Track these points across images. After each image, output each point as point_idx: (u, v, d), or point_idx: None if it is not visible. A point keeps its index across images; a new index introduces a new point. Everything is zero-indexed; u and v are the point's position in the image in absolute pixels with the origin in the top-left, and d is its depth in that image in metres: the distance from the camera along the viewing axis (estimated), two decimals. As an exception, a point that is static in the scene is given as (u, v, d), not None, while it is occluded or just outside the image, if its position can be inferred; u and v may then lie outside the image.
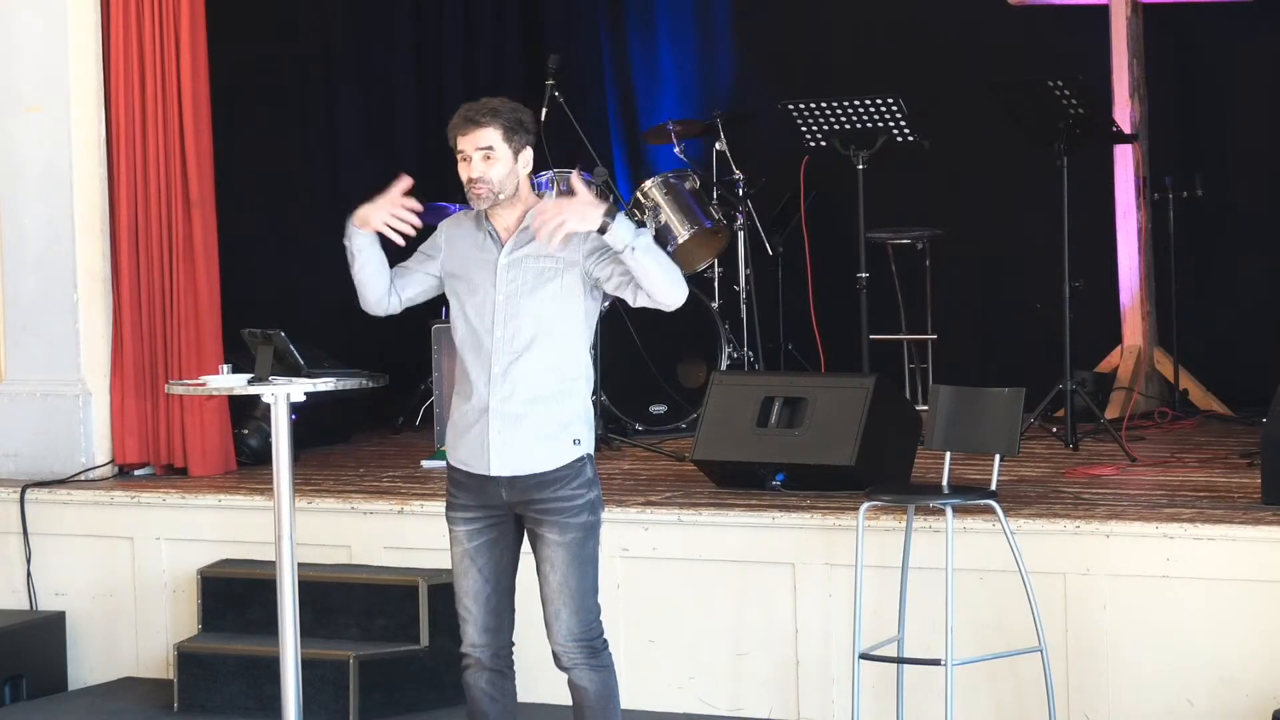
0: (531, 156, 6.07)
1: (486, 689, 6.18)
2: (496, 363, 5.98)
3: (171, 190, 9.02)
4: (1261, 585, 6.90)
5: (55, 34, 9.02)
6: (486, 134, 5.99)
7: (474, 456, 6.02)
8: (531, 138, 6.06)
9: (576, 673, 6.03)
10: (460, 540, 6.09)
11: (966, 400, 7.14)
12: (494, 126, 5.99)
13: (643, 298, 5.93)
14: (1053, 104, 9.26)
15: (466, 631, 6.17)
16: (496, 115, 6.00)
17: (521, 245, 6.02)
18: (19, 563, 8.79)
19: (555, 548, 5.97)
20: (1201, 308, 10.57)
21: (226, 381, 6.88)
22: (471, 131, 6.01)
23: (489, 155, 6.00)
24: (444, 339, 9.57)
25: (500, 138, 5.99)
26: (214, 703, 7.94)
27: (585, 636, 6.01)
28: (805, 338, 10.79)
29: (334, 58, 11.81)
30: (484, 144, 5.99)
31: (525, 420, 5.96)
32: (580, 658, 6.01)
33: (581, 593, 5.99)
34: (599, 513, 6.07)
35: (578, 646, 6.01)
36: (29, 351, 9.15)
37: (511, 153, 6.01)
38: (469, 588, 6.11)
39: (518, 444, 5.96)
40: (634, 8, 12.38)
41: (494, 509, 6.04)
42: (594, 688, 6.03)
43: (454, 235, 6.24)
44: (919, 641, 7.09)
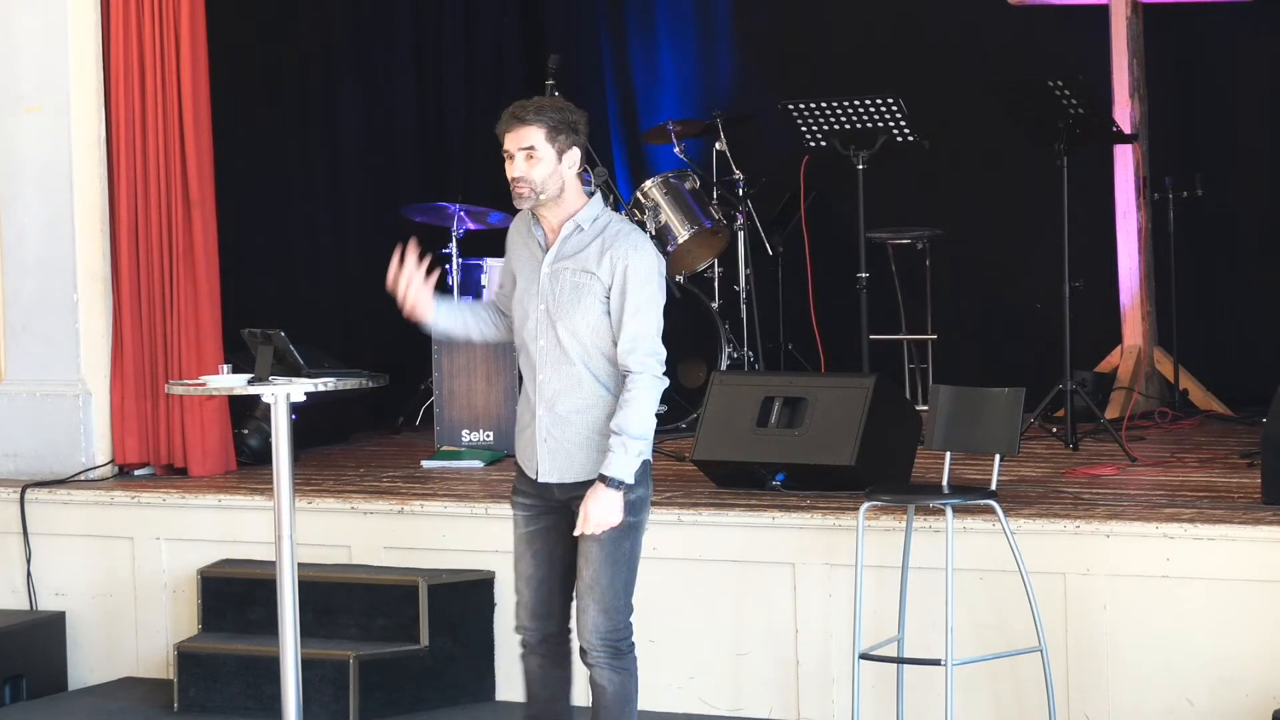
0: (579, 158, 6.02)
1: (536, 674, 6.24)
2: (541, 371, 6.04)
3: (171, 190, 9.02)
4: (1261, 585, 6.90)
5: (55, 34, 9.02)
6: (530, 133, 5.94)
7: (526, 459, 6.13)
8: (580, 139, 6.02)
9: (597, 671, 6.08)
10: (519, 524, 6.17)
11: (966, 400, 7.14)
12: (538, 125, 5.94)
13: None
14: (1053, 104, 9.26)
15: (519, 613, 6.21)
16: (542, 114, 5.96)
17: (563, 256, 6.02)
18: (19, 563, 8.80)
19: (590, 543, 6.00)
20: (1201, 308, 10.57)
21: (226, 381, 6.89)
22: (516, 129, 5.96)
23: (531, 154, 5.95)
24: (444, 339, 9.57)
25: (544, 137, 5.94)
26: (214, 703, 7.94)
27: (611, 636, 6.06)
28: (805, 338, 10.79)
29: (334, 58, 11.80)
30: (527, 143, 5.94)
31: (568, 428, 6.02)
32: (604, 657, 6.06)
33: (613, 592, 6.04)
34: (641, 514, 6.08)
35: (602, 645, 6.05)
36: (29, 351, 9.15)
37: (555, 153, 5.96)
38: (523, 570, 6.16)
39: (561, 452, 6.04)
40: (634, 8, 12.37)
41: (548, 499, 6.12)
42: (612, 689, 6.09)
43: (513, 235, 6.21)
44: (919, 641, 7.09)
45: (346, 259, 11.76)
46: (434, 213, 10.89)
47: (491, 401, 9.54)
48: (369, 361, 8.09)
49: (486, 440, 9.52)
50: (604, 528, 5.93)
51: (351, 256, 11.77)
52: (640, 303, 5.93)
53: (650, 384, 5.94)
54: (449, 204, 10.81)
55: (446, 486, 8.65)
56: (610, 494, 5.91)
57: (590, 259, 5.97)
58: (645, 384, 5.93)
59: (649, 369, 5.94)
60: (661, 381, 5.98)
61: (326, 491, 8.54)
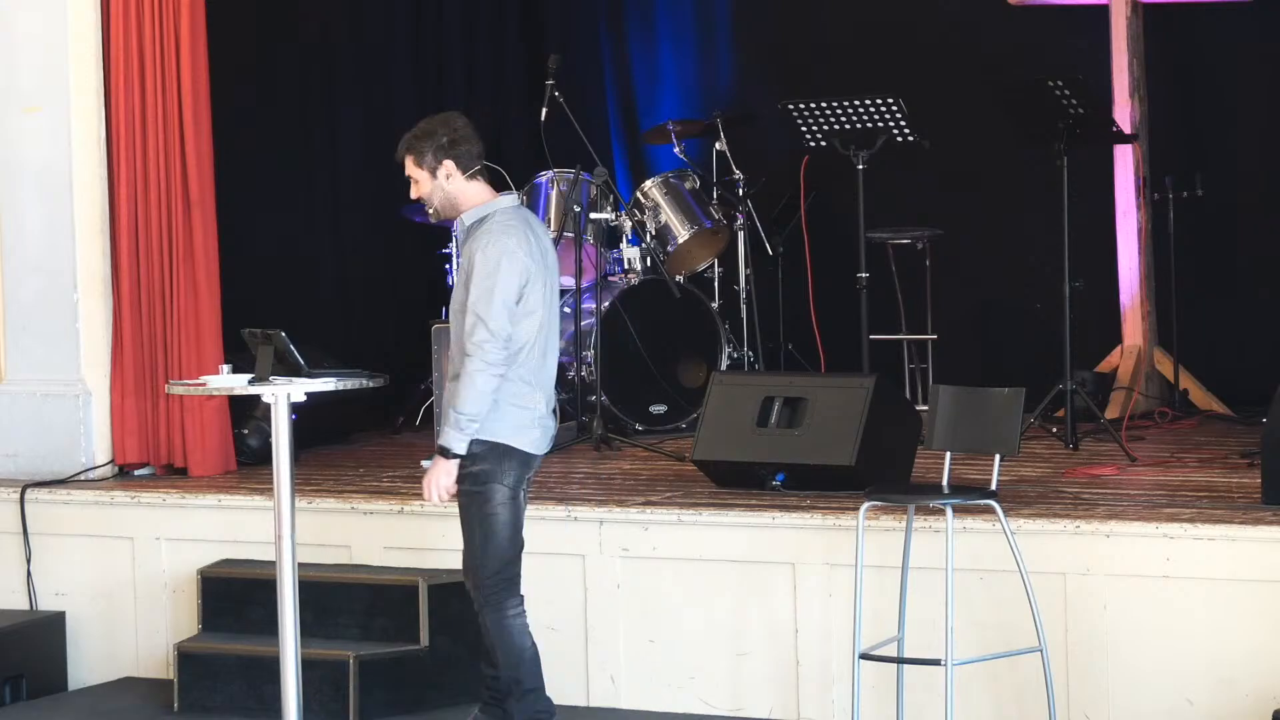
0: (455, 166, 6.65)
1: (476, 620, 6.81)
2: (451, 356, 6.66)
3: (171, 190, 9.02)
4: (1261, 585, 6.90)
5: (55, 34, 9.02)
6: (406, 164, 6.73)
7: None
8: (451, 150, 6.65)
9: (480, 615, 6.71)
10: None
11: (966, 400, 7.14)
12: (406, 155, 6.71)
13: None
14: (1053, 104, 9.26)
15: None
16: (408, 144, 6.71)
17: (459, 254, 6.75)
18: (19, 563, 8.79)
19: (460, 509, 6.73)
20: (1201, 308, 10.57)
21: (226, 381, 6.89)
22: (402, 161, 6.73)
23: (414, 181, 6.72)
24: (444, 339, 9.54)
25: (412, 163, 6.71)
26: (214, 703, 7.94)
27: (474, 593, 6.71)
28: (805, 338, 10.79)
29: (334, 58, 11.80)
30: (407, 172, 6.72)
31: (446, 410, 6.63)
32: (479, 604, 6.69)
33: (470, 551, 6.72)
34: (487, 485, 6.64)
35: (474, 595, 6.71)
36: (29, 351, 9.15)
37: (428, 173, 6.69)
38: None
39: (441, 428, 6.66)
40: (634, 8, 12.37)
41: None
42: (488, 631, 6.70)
43: None
44: (919, 641, 7.09)
45: (346, 259, 11.77)
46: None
47: (491, 401, 9.52)
48: (369, 361, 8.09)
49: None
50: (439, 490, 6.57)
51: (351, 256, 11.77)
52: (479, 293, 6.51)
53: (479, 366, 6.47)
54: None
55: (446, 486, 8.63)
56: (441, 462, 6.56)
57: (465, 252, 6.66)
58: (475, 366, 6.48)
59: (478, 351, 6.48)
60: (493, 368, 6.48)
61: (326, 491, 8.54)
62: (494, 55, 12.38)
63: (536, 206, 10.19)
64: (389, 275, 11.78)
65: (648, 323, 10.08)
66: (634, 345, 10.02)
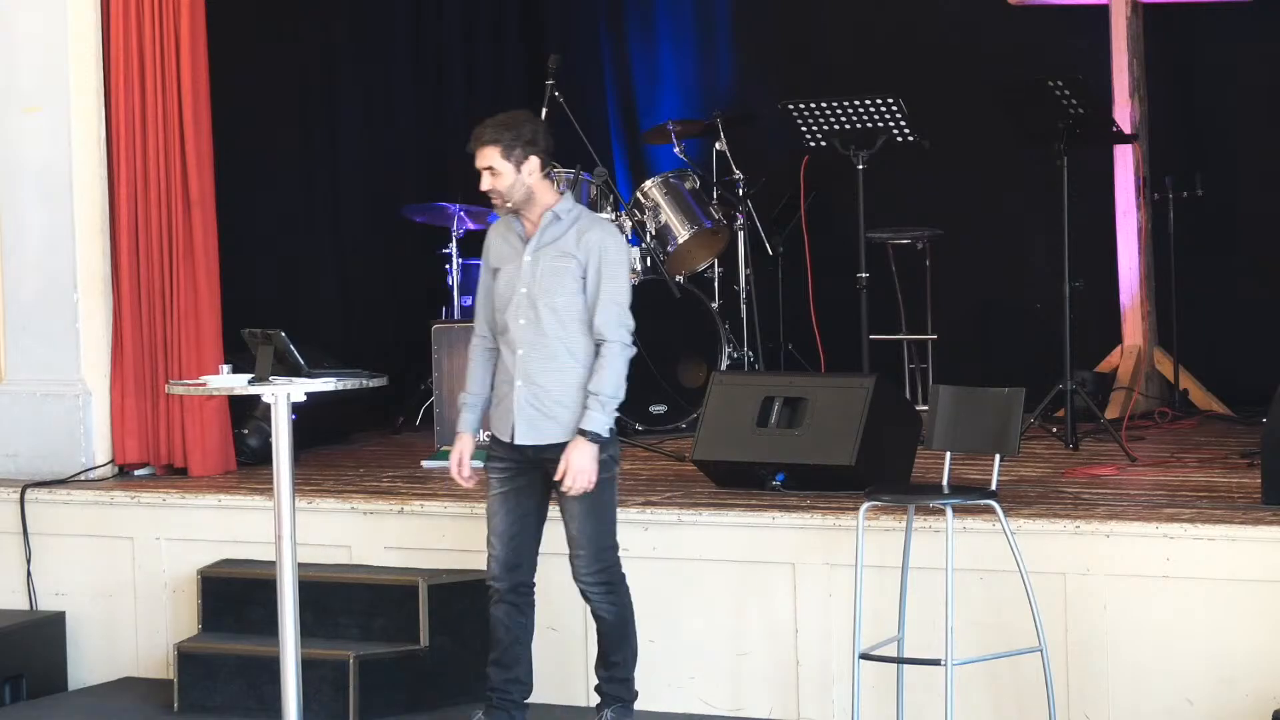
0: (539, 163, 6.82)
1: (504, 620, 6.96)
2: (520, 346, 6.80)
3: (171, 190, 9.02)
4: (1261, 585, 6.90)
5: (55, 34, 9.02)
6: (486, 154, 6.81)
7: (501, 427, 6.89)
8: (535, 146, 6.81)
9: (596, 605, 6.88)
10: (494, 485, 6.92)
11: (966, 400, 7.14)
12: (492, 147, 6.79)
13: None
14: (1053, 104, 9.26)
15: (490, 566, 6.95)
16: (496, 134, 6.79)
17: (542, 244, 6.82)
18: (19, 563, 8.79)
19: (571, 501, 6.79)
20: (1201, 308, 10.57)
21: (226, 381, 6.89)
22: (477, 150, 6.83)
23: (493, 171, 6.79)
24: (444, 339, 9.57)
25: (498, 155, 6.79)
26: (214, 703, 7.94)
27: (603, 575, 6.84)
28: (805, 338, 10.79)
29: (334, 58, 11.81)
30: (485, 163, 6.80)
31: (542, 400, 6.79)
32: (599, 592, 6.84)
33: (598, 537, 6.83)
34: (612, 470, 6.87)
35: (596, 582, 6.83)
36: (29, 351, 9.15)
37: (513, 165, 6.79)
38: (497, 527, 6.91)
39: (539, 419, 6.79)
40: (634, 8, 12.38)
41: (521, 462, 6.88)
42: (611, 617, 6.91)
43: (492, 236, 7.00)
44: (919, 641, 7.09)
45: (346, 259, 11.77)
46: (434, 213, 10.90)
47: (491, 401, 9.52)
48: (369, 361, 8.09)
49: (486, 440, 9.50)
50: (585, 476, 6.70)
51: (351, 256, 11.78)
52: (619, 284, 6.81)
53: (621, 351, 6.80)
54: (449, 204, 10.81)
55: (446, 486, 8.62)
56: (589, 446, 6.71)
57: (569, 243, 6.79)
58: (617, 350, 6.79)
59: (620, 337, 6.81)
60: (629, 350, 6.85)
61: (326, 491, 8.54)
62: (494, 55, 12.38)
63: (536, 206, 10.17)
64: (389, 275, 11.78)
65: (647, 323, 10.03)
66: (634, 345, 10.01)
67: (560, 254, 6.77)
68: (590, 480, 6.71)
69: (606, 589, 6.86)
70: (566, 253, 6.77)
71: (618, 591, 6.90)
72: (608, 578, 6.86)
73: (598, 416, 6.70)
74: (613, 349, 6.78)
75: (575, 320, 6.78)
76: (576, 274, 6.76)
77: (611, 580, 6.88)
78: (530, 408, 6.78)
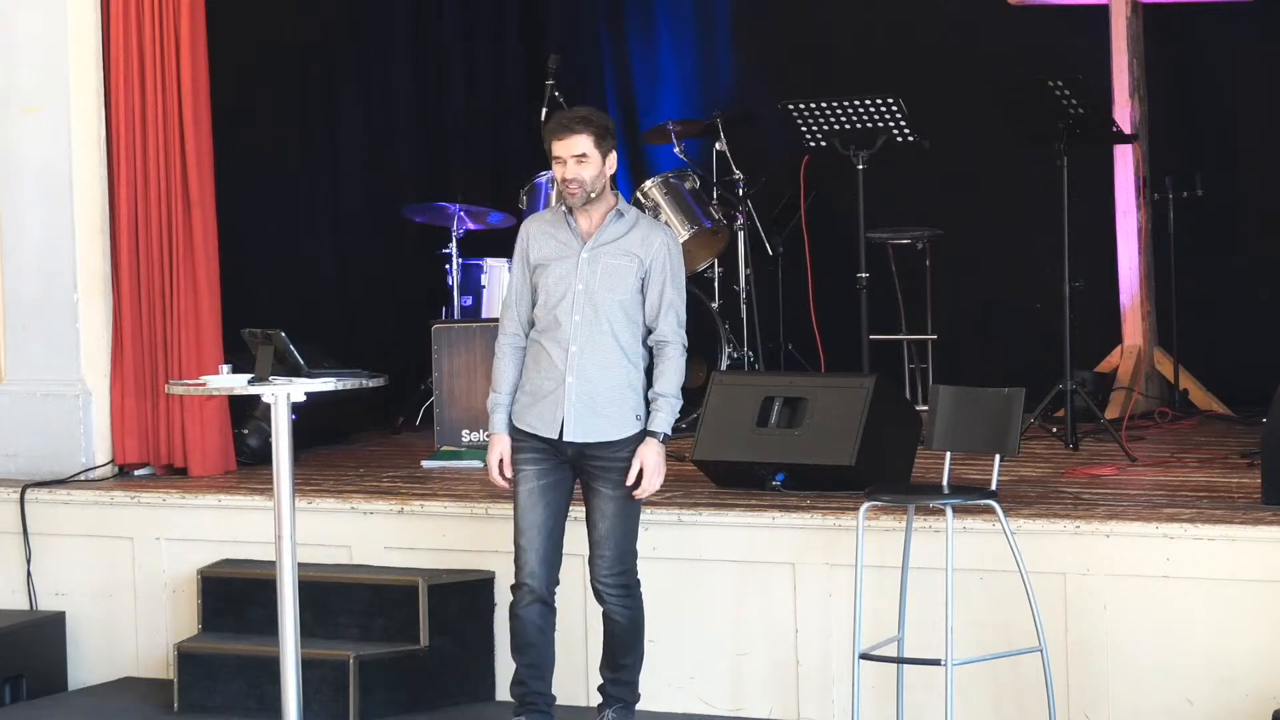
0: (615, 161, 6.80)
1: (537, 620, 6.84)
2: (574, 343, 6.73)
3: (171, 190, 9.02)
4: (1261, 585, 6.90)
5: (55, 34, 9.02)
6: (579, 141, 6.71)
7: (544, 424, 6.78)
8: (615, 143, 6.81)
9: (612, 607, 6.82)
10: (529, 479, 6.81)
11: (966, 400, 7.14)
12: (587, 133, 6.72)
13: None
14: (1053, 104, 9.26)
15: (527, 560, 6.81)
16: (589, 123, 6.74)
17: (603, 241, 6.77)
18: (19, 563, 8.80)
19: (607, 501, 6.76)
20: (1201, 308, 10.57)
21: (226, 381, 6.89)
22: (567, 138, 6.72)
23: (583, 159, 6.72)
24: (444, 339, 9.57)
25: (593, 144, 6.72)
26: (214, 703, 7.94)
27: (624, 577, 6.81)
28: (805, 338, 10.79)
29: (334, 58, 11.81)
30: (579, 150, 6.71)
31: (597, 395, 6.73)
32: (617, 594, 6.80)
33: (627, 539, 6.81)
34: None
35: (616, 584, 6.79)
36: (29, 352, 9.15)
37: (601, 156, 6.74)
38: (534, 520, 6.81)
39: (589, 416, 6.73)
40: (634, 8, 12.38)
41: (559, 456, 6.81)
42: (626, 620, 6.84)
43: (535, 232, 6.90)
44: (919, 641, 7.08)
45: (346, 259, 11.77)
46: (434, 213, 10.90)
47: (492, 401, 9.52)
48: (369, 361, 8.09)
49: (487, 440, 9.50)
50: (658, 476, 6.71)
51: (351, 256, 11.78)
52: (678, 290, 6.79)
53: (682, 354, 6.79)
54: (449, 204, 10.81)
55: (446, 486, 8.65)
56: (660, 447, 6.73)
57: (632, 243, 6.77)
58: (679, 352, 6.77)
59: (681, 339, 6.79)
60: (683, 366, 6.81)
61: (326, 491, 8.54)
62: (494, 55, 12.38)
63: (537, 207, 10.17)
64: (389, 275, 11.78)
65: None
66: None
67: (622, 253, 6.73)
68: (661, 481, 6.74)
69: (624, 591, 6.82)
70: (629, 252, 6.73)
71: (634, 595, 6.86)
72: (627, 580, 6.83)
73: (665, 418, 6.72)
74: (675, 350, 6.77)
75: (630, 320, 6.75)
76: (637, 274, 6.73)
77: (630, 584, 6.84)
78: (582, 404, 6.71)
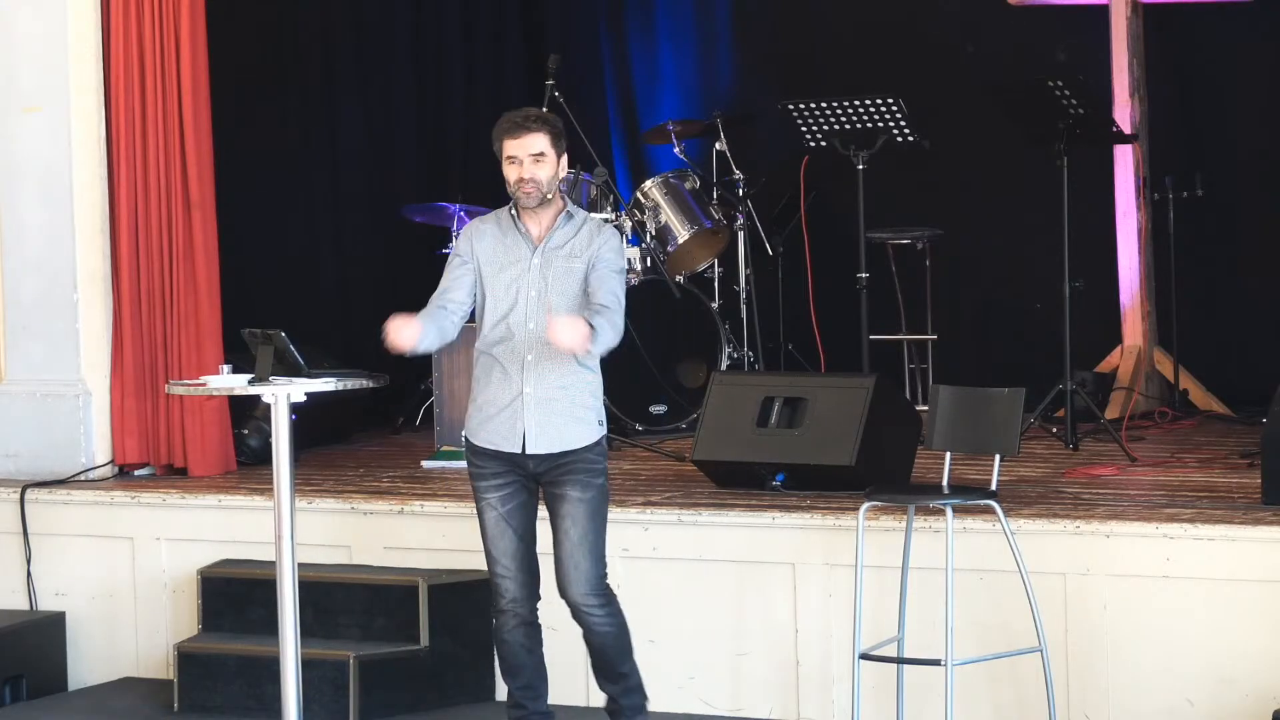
0: (566, 163, 6.67)
1: (525, 642, 6.74)
2: (530, 351, 6.55)
3: (171, 190, 9.02)
4: (1261, 585, 6.90)
5: (55, 34, 9.02)
6: (537, 140, 6.55)
7: (503, 438, 6.60)
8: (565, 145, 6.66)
9: (594, 619, 6.63)
10: (494, 505, 6.64)
11: (966, 400, 7.14)
12: (544, 132, 6.57)
13: None
14: (1053, 104, 9.26)
15: (507, 588, 6.68)
16: (545, 122, 6.60)
17: (554, 246, 6.61)
18: (19, 563, 8.79)
19: (578, 504, 6.57)
20: (1201, 308, 10.57)
21: (226, 381, 6.88)
22: (524, 136, 6.56)
23: (540, 159, 6.56)
24: (444, 339, 9.56)
25: (549, 143, 6.57)
26: (214, 703, 7.94)
27: (601, 584, 6.61)
28: (805, 338, 10.79)
29: (334, 58, 11.80)
30: (536, 149, 6.55)
31: (556, 404, 6.57)
32: (597, 603, 6.61)
33: (599, 543, 6.60)
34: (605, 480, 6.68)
35: (593, 592, 6.59)
36: (29, 351, 9.15)
37: (557, 156, 6.60)
38: (507, 548, 6.65)
39: (550, 426, 6.57)
40: (634, 8, 12.37)
41: (521, 476, 6.63)
42: (612, 629, 6.68)
43: (479, 238, 6.71)
44: (919, 641, 7.09)
45: (346, 259, 11.77)
46: (434, 213, 10.89)
47: (491, 401, 9.52)
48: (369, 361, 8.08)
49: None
50: (573, 334, 6.31)
51: (351, 256, 11.77)
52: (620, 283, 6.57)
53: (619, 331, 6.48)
54: (449, 204, 10.81)
55: (446, 486, 8.65)
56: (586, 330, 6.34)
57: (580, 244, 6.60)
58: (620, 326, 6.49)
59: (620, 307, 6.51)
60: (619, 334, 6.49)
61: (326, 491, 8.54)
62: (494, 55, 12.38)
63: (536, 206, 10.17)
64: (389, 275, 11.77)
65: (647, 323, 10.07)
66: (634, 345, 10.02)
67: (571, 255, 6.57)
68: (578, 343, 6.32)
69: (604, 600, 6.63)
70: (576, 254, 6.58)
71: (613, 602, 6.68)
72: (603, 588, 6.63)
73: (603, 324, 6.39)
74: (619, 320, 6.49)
75: None
76: (583, 275, 6.58)
77: (607, 592, 6.65)
78: (542, 414, 6.55)
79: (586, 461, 6.59)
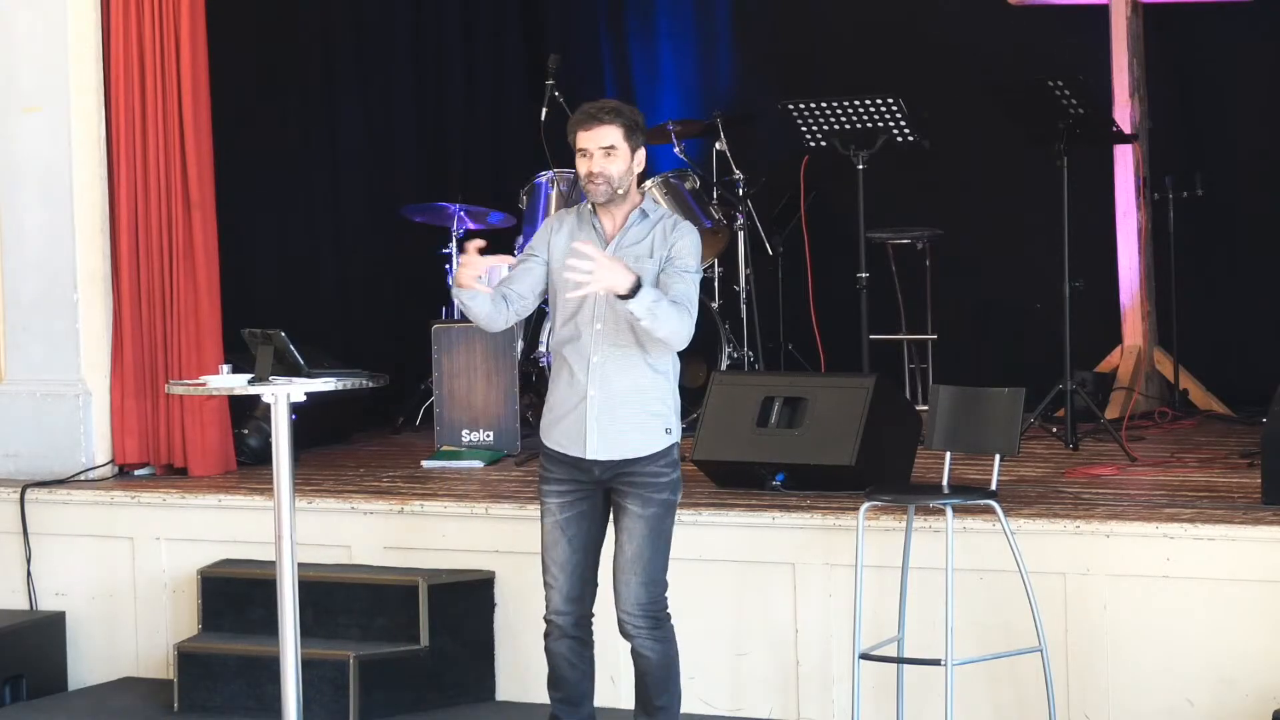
0: (644, 158, 6.41)
1: (567, 655, 6.49)
2: (596, 353, 6.35)
3: (171, 190, 9.02)
4: (1261, 585, 6.90)
5: (55, 34, 9.02)
6: (609, 132, 6.32)
7: (570, 441, 6.38)
8: (644, 139, 6.40)
9: (639, 642, 6.38)
10: (552, 511, 6.43)
11: (966, 400, 7.14)
12: (617, 125, 6.33)
13: None
14: (1053, 104, 9.26)
15: (551, 598, 6.45)
16: (619, 114, 6.36)
17: (625, 244, 6.37)
18: (19, 563, 8.80)
19: (636, 519, 6.34)
20: (1201, 308, 10.57)
21: (226, 381, 6.88)
22: (595, 128, 6.33)
23: (610, 152, 6.33)
24: (444, 339, 9.57)
25: (622, 136, 6.32)
26: (214, 703, 7.94)
27: (652, 608, 6.36)
28: (805, 338, 10.79)
29: (334, 58, 11.80)
30: (607, 142, 6.32)
31: (621, 409, 6.34)
32: (645, 627, 6.36)
33: (654, 565, 6.35)
34: (678, 494, 6.45)
35: (643, 615, 6.35)
36: (29, 351, 9.15)
37: (630, 150, 6.35)
38: (557, 557, 6.43)
39: (614, 431, 6.34)
40: (634, 8, 12.37)
41: (586, 483, 6.40)
42: (656, 656, 6.38)
43: (556, 232, 6.51)
44: (919, 641, 7.09)
45: (346, 259, 11.76)
46: (434, 213, 10.89)
47: (491, 401, 9.53)
48: (369, 361, 8.08)
49: (486, 440, 9.52)
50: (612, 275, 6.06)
51: (351, 256, 11.77)
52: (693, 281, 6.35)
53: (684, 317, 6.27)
54: (449, 204, 10.80)
55: (446, 486, 8.65)
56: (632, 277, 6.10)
57: (655, 243, 6.36)
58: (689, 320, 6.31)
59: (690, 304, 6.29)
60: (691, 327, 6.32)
61: (326, 491, 8.54)
62: (494, 55, 12.38)
63: (537, 207, 10.17)
64: (389, 275, 11.78)
65: (647, 323, 10.05)
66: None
67: (644, 255, 6.32)
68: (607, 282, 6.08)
69: (653, 623, 6.35)
70: (650, 254, 6.33)
71: (664, 628, 6.38)
72: (655, 610, 6.35)
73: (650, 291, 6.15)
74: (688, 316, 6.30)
75: None
76: (655, 275, 6.31)
77: (659, 616, 6.37)
78: (606, 418, 6.32)
79: (650, 474, 6.34)
